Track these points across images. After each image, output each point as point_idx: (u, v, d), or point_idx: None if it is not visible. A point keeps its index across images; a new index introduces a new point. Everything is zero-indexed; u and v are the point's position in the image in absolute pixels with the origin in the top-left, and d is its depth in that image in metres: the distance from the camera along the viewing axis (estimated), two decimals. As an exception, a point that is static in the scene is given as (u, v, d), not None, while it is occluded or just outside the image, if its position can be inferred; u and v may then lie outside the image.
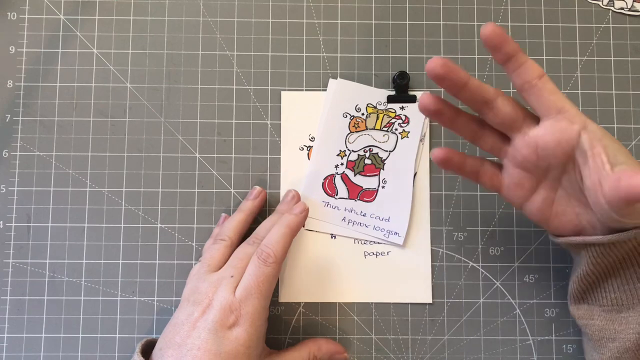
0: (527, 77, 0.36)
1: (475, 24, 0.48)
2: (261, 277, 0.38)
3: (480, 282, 0.46)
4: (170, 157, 0.47)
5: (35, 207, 0.46)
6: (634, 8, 0.48)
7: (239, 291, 0.38)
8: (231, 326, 0.37)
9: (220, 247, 0.41)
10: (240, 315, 0.37)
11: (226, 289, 0.38)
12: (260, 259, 0.39)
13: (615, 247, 0.37)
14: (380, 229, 0.46)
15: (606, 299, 0.39)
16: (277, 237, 0.40)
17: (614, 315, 0.39)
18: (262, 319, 0.38)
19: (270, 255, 0.39)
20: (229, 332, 0.37)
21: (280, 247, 0.39)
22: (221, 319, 0.37)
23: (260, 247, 0.39)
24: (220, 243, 0.42)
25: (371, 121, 0.47)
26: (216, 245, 0.42)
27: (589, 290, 0.40)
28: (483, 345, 0.46)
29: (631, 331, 0.38)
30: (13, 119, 0.47)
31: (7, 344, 0.45)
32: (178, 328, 0.38)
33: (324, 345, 0.43)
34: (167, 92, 0.48)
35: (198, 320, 0.37)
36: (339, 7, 0.48)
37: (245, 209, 0.44)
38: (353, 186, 0.47)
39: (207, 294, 0.38)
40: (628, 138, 0.47)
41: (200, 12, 0.48)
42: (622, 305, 0.39)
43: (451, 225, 0.47)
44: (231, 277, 0.39)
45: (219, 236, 0.42)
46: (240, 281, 0.38)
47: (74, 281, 0.46)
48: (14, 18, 0.48)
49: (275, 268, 0.39)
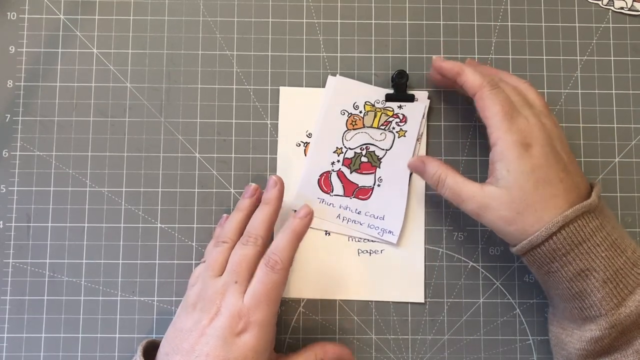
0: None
1: (475, 24, 0.48)
2: (269, 284, 0.38)
3: (480, 282, 0.46)
4: (170, 157, 0.47)
5: (35, 207, 0.46)
6: (634, 8, 0.48)
7: (247, 298, 0.38)
8: (240, 333, 0.37)
9: (222, 250, 0.41)
10: (249, 322, 0.37)
11: (234, 295, 0.38)
12: (268, 266, 0.39)
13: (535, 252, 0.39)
14: (375, 227, 0.46)
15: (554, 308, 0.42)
16: (283, 244, 0.40)
17: (566, 324, 0.40)
18: (271, 325, 0.38)
19: (277, 262, 0.39)
20: (237, 339, 0.37)
21: (287, 253, 0.39)
22: (230, 325, 0.37)
23: (267, 253, 0.39)
24: (223, 245, 0.41)
25: (369, 119, 0.47)
26: (218, 247, 0.41)
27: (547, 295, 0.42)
28: (483, 345, 0.46)
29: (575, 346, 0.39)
30: (13, 119, 0.47)
31: (7, 344, 0.45)
32: (186, 334, 0.38)
33: (330, 349, 0.43)
34: (167, 92, 0.48)
35: (207, 327, 0.37)
36: (339, 7, 0.48)
37: (243, 207, 0.44)
38: (349, 183, 0.47)
39: (214, 300, 0.38)
40: (628, 138, 0.47)
41: (200, 12, 0.48)
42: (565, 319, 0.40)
43: (451, 225, 0.47)
44: (235, 282, 0.38)
45: (220, 238, 0.42)
46: (246, 286, 0.38)
47: (74, 281, 0.46)
48: (14, 18, 0.48)
49: (283, 274, 0.39)
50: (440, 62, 0.43)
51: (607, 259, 0.37)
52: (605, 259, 0.37)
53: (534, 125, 0.39)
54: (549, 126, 0.40)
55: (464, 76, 0.42)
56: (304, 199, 0.46)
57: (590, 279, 0.37)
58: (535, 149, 0.39)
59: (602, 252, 0.37)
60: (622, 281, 0.37)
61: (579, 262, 0.37)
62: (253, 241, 0.40)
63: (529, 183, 0.38)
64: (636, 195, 0.47)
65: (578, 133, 0.47)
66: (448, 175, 0.41)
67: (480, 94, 0.40)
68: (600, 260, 0.37)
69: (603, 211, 0.39)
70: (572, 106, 0.48)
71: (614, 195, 0.47)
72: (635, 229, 0.47)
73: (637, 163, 0.47)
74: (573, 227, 0.37)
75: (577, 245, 0.37)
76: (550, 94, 0.48)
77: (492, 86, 0.40)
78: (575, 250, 0.37)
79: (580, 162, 0.47)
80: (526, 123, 0.39)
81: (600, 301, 0.37)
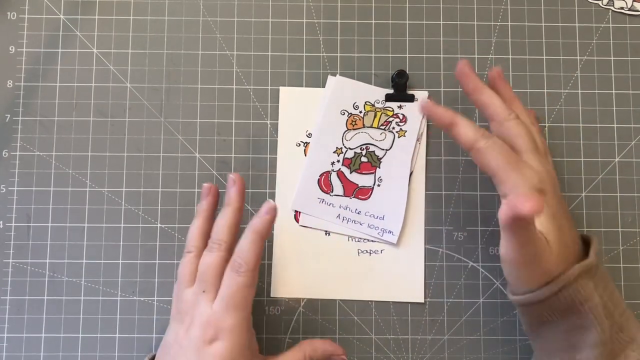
0: None
1: (475, 24, 0.48)
2: (235, 287, 0.37)
3: (480, 282, 0.46)
4: (170, 157, 0.47)
5: (35, 207, 0.46)
6: (634, 8, 0.48)
7: (216, 305, 0.37)
8: (212, 341, 0.37)
9: (188, 261, 0.40)
10: (219, 328, 0.37)
11: (203, 304, 0.38)
12: (233, 270, 0.38)
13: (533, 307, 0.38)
14: (375, 227, 0.46)
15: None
16: (247, 245, 0.38)
17: None
18: (244, 330, 0.38)
19: (241, 265, 0.38)
20: (210, 347, 0.37)
21: (251, 254, 0.38)
22: (202, 335, 0.37)
23: (233, 257, 0.38)
24: (187, 255, 0.40)
25: (369, 119, 0.47)
26: (184, 258, 0.40)
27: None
28: (483, 345, 0.46)
29: None
30: (13, 119, 0.47)
31: (7, 344, 0.45)
32: (168, 348, 0.38)
33: (319, 346, 0.42)
34: (167, 92, 0.48)
35: (183, 339, 0.37)
36: (339, 7, 0.48)
37: (200, 210, 0.42)
38: (349, 183, 0.47)
39: (187, 312, 0.38)
40: (628, 138, 0.47)
41: (200, 12, 0.48)
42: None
43: (451, 225, 0.47)
44: (203, 292, 0.38)
45: (186, 248, 0.41)
46: (215, 294, 0.38)
47: (74, 281, 0.46)
48: (14, 18, 0.48)
49: (249, 276, 0.38)
50: (431, 107, 0.40)
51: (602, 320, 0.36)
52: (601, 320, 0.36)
53: (542, 172, 0.38)
54: (551, 171, 0.39)
55: (456, 128, 0.39)
56: (304, 199, 0.46)
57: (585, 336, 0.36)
58: (549, 195, 0.37)
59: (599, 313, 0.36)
60: (612, 344, 0.36)
61: (577, 319, 0.37)
62: (217, 247, 0.39)
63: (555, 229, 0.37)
64: (636, 196, 0.47)
65: (578, 133, 0.47)
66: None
67: (477, 148, 0.38)
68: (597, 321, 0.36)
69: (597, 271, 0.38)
70: (572, 106, 0.48)
71: (614, 195, 0.47)
72: (635, 229, 0.47)
73: (637, 163, 0.47)
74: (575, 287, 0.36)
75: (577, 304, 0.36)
76: (550, 94, 0.48)
77: (487, 138, 0.38)
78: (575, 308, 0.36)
79: (580, 162, 0.47)
80: (533, 171, 0.38)
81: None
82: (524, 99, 0.47)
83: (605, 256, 0.46)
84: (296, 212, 0.47)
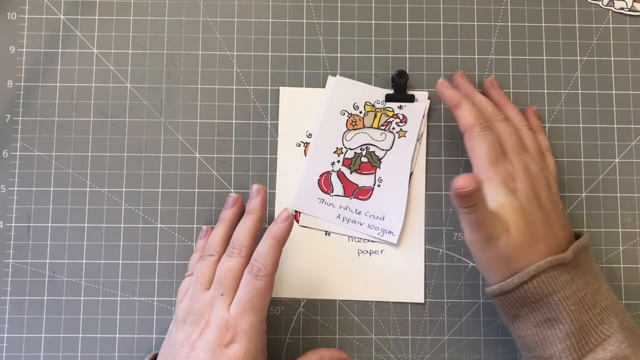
0: None
1: (475, 24, 0.48)
2: (253, 291, 0.38)
3: (480, 282, 0.46)
4: (170, 157, 0.47)
5: (35, 207, 0.46)
6: (634, 8, 0.48)
7: (233, 308, 0.38)
8: (228, 344, 0.37)
9: (209, 263, 0.41)
10: (236, 332, 0.37)
11: (221, 307, 0.38)
12: (252, 274, 0.39)
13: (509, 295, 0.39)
14: (375, 228, 0.46)
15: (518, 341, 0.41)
16: (265, 250, 0.40)
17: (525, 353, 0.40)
18: (260, 333, 0.38)
19: (260, 269, 0.39)
20: (226, 350, 0.37)
21: (270, 259, 0.39)
22: (218, 338, 0.37)
23: (251, 261, 0.39)
24: (209, 259, 0.41)
25: (369, 119, 0.47)
26: (205, 261, 0.41)
27: None
28: (483, 345, 0.46)
29: None
30: (13, 119, 0.47)
31: (7, 344, 0.45)
32: (177, 349, 0.38)
33: (326, 355, 0.43)
34: (167, 92, 0.48)
35: (196, 341, 0.37)
36: (339, 7, 0.48)
37: (225, 218, 0.44)
38: (349, 184, 0.47)
39: (203, 314, 0.38)
40: (628, 138, 0.47)
41: (200, 12, 0.48)
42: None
43: (451, 225, 0.47)
44: (222, 295, 0.39)
45: (207, 251, 0.42)
46: (232, 298, 0.38)
47: (74, 281, 0.46)
48: (14, 18, 0.48)
49: (267, 281, 0.39)
50: (443, 87, 0.44)
51: (574, 313, 0.37)
52: (573, 312, 0.37)
53: (519, 171, 0.40)
54: (535, 173, 0.41)
55: (459, 110, 0.42)
56: (304, 199, 0.46)
57: (555, 329, 0.37)
58: (520, 192, 0.39)
59: (570, 305, 0.37)
60: (585, 337, 0.37)
61: (547, 311, 0.37)
62: (237, 252, 0.40)
63: (520, 222, 0.39)
64: (636, 196, 0.47)
65: (578, 133, 0.47)
66: None
67: (470, 133, 0.41)
68: (567, 313, 0.37)
69: (578, 266, 0.39)
70: (572, 106, 0.48)
71: (614, 195, 0.47)
72: (635, 229, 0.47)
73: (637, 163, 0.47)
74: (544, 278, 0.37)
75: (546, 296, 0.37)
76: (550, 94, 0.48)
77: (483, 127, 0.41)
78: (544, 300, 0.37)
79: (580, 162, 0.47)
80: (511, 169, 0.40)
81: (560, 353, 0.37)
82: (524, 99, 0.47)
83: (605, 256, 0.46)
84: (296, 212, 0.47)
